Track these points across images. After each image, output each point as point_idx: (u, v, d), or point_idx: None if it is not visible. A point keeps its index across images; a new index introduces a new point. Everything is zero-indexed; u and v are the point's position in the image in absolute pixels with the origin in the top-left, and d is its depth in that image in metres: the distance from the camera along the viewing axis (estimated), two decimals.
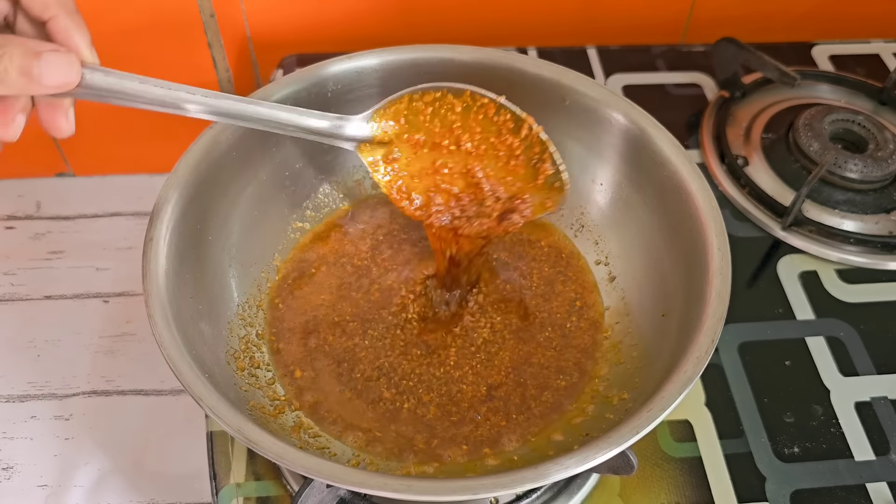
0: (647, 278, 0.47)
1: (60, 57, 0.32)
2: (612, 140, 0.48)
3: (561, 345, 0.48)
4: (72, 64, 0.33)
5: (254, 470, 0.47)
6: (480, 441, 0.43)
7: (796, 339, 0.53)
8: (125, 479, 0.59)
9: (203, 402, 0.35)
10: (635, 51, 0.74)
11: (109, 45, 0.70)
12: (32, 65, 0.31)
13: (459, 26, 0.75)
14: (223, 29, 0.71)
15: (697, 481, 0.46)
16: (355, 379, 0.46)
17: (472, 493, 0.32)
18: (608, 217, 0.51)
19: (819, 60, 0.74)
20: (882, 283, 0.57)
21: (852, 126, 0.63)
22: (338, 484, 0.33)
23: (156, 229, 0.40)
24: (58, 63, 0.32)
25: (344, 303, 0.49)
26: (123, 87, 0.36)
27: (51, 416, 0.63)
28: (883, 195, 0.60)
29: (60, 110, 0.34)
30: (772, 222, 0.59)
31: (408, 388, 0.45)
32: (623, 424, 0.34)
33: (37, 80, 0.31)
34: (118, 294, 0.71)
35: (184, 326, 0.38)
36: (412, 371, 0.46)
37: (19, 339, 0.68)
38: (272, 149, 0.49)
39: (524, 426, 0.44)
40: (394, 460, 0.42)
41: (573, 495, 0.45)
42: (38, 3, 0.33)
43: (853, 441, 0.48)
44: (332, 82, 0.49)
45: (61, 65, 0.32)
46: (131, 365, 0.66)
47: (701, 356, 0.37)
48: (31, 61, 0.31)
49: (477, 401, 0.45)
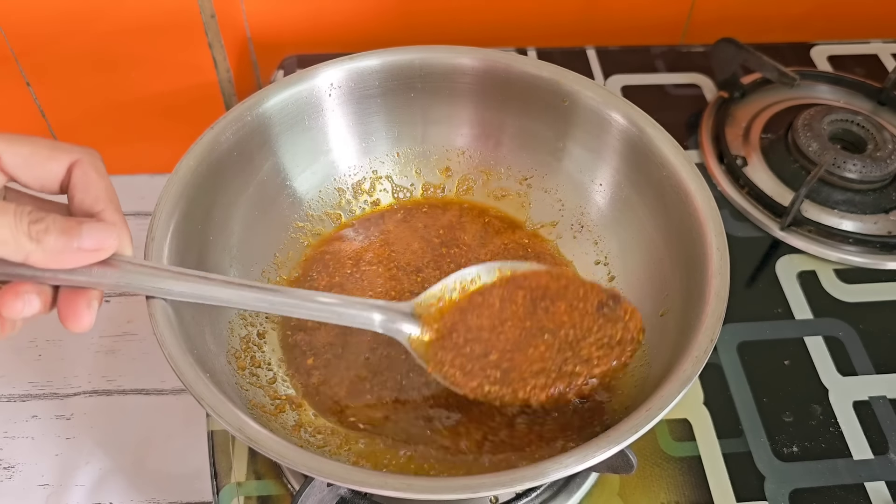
0: (646, 278, 0.47)
1: (102, 225, 0.33)
2: (611, 141, 0.49)
3: None
4: (112, 231, 0.33)
5: (254, 469, 0.47)
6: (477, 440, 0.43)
7: (795, 339, 0.53)
8: (126, 479, 0.59)
9: (204, 402, 0.35)
10: (634, 51, 0.74)
11: (110, 45, 0.70)
12: (74, 227, 0.32)
13: (459, 27, 0.75)
14: (224, 29, 0.71)
15: (696, 480, 0.47)
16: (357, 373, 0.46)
17: (472, 491, 0.32)
18: (607, 217, 0.51)
19: (818, 61, 0.74)
20: (881, 282, 0.57)
21: (851, 126, 0.64)
22: (338, 483, 0.33)
23: (157, 229, 0.41)
24: (98, 228, 0.33)
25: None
26: (156, 282, 0.36)
27: (52, 416, 0.63)
28: (882, 195, 0.61)
29: (83, 301, 0.34)
30: (771, 222, 0.60)
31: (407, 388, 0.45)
32: (622, 423, 0.34)
33: (76, 241, 0.32)
34: (119, 294, 0.71)
35: (185, 326, 0.39)
36: (410, 371, 0.46)
37: (20, 338, 0.68)
38: (273, 149, 0.49)
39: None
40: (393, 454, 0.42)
41: (572, 494, 0.45)
42: (92, 198, 0.34)
43: (852, 440, 0.48)
44: (332, 83, 0.50)
45: (101, 230, 0.33)
46: (132, 364, 0.66)
47: (700, 355, 0.37)
48: (73, 225, 0.32)
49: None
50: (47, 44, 0.68)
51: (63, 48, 0.69)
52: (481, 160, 0.54)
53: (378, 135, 0.53)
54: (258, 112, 0.47)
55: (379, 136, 0.54)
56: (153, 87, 0.73)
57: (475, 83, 0.52)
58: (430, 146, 0.55)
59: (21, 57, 0.69)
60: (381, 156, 0.54)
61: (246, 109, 0.47)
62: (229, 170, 0.46)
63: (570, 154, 0.51)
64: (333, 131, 0.52)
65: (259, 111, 0.47)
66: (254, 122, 0.47)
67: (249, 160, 0.48)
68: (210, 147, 0.45)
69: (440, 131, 0.54)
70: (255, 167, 0.49)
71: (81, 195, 0.34)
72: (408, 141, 0.54)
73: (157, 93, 0.73)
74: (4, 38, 0.67)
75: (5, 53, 0.68)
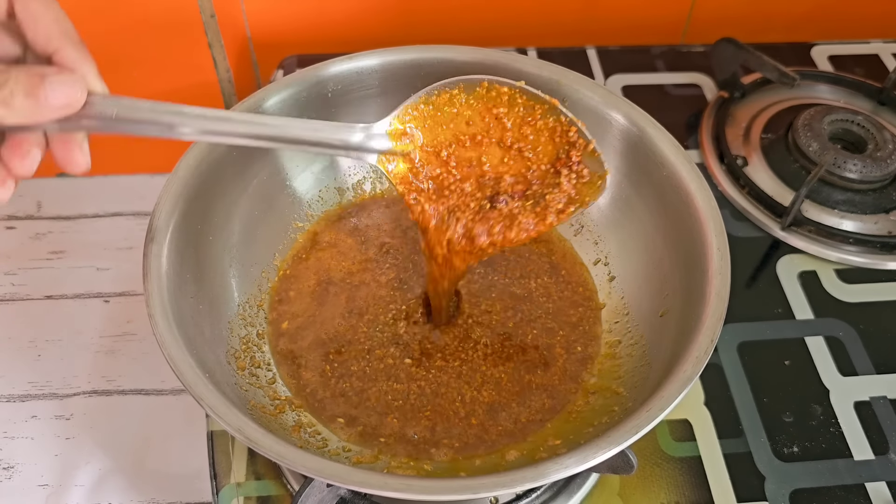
0: (646, 278, 0.47)
1: (65, 77, 0.32)
2: (611, 140, 0.48)
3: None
4: (76, 83, 0.32)
5: (254, 469, 0.47)
6: (478, 438, 0.43)
7: (795, 339, 0.53)
8: (126, 479, 0.59)
9: (204, 402, 0.35)
10: (635, 51, 0.74)
11: (110, 45, 0.70)
12: (37, 86, 0.31)
13: (459, 26, 0.75)
14: (223, 29, 0.71)
15: (697, 481, 0.46)
16: (352, 372, 0.46)
17: (472, 492, 0.32)
18: (608, 217, 0.51)
19: (818, 61, 0.74)
20: (881, 282, 0.57)
21: (851, 126, 0.64)
22: (338, 483, 0.33)
23: (157, 229, 0.41)
24: (63, 82, 0.32)
25: (344, 303, 0.49)
26: (135, 113, 0.34)
27: (51, 416, 0.63)
28: (882, 195, 0.61)
29: (74, 144, 0.34)
30: (771, 222, 0.60)
31: (406, 386, 0.45)
32: (622, 424, 0.34)
33: (43, 101, 0.31)
34: (119, 294, 0.71)
35: (184, 326, 0.38)
36: (407, 369, 0.46)
37: (20, 338, 0.68)
38: (273, 149, 0.49)
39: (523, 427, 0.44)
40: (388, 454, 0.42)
41: (573, 495, 0.45)
42: (42, 35, 0.33)
43: (852, 440, 0.48)
44: (332, 83, 0.50)
45: (66, 83, 0.32)
46: (132, 365, 0.66)
47: (700, 356, 0.37)
48: (36, 83, 0.31)
49: (477, 399, 0.45)
50: None
51: None
52: None
53: None
54: (258, 112, 0.47)
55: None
56: (153, 87, 0.73)
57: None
58: None
59: None
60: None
61: (246, 109, 0.47)
62: (229, 170, 0.46)
63: None
64: None
65: (259, 111, 0.47)
66: None
67: (249, 160, 0.48)
68: (210, 147, 0.45)
69: None
70: (255, 167, 0.49)
71: (31, 34, 0.33)
72: None
73: (157, 92, 0.73)
74: None
75: None
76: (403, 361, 0.46)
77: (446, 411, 0.44)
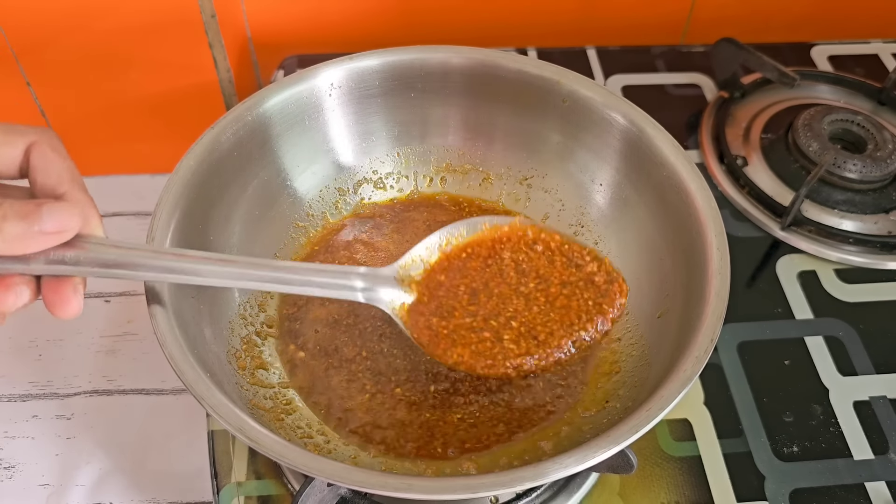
0: (646, 278, 0.47)
1: (62, 205, 0.32)
2: (611, 140, 0.49)
3: None
4: (72, 211, 0.32)
5: (255, 469, 0.47)
6: (478, 439, 0.43)
7: (795, 339, 0.53)
8: (126, 479, 0.59)
9: (204, 402, 0.35)
10: (635, 51, 0.74)
11: (110, 45, 0.70)
12: (32, 212, 0.31)
13: (459, 26, 0.75)
14: (224, 29, 0.71)
15: (697, 480, 0.47)
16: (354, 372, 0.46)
17: (472, 491, 0.32)
18: (608, 217, 0.51)
19: (818, 61, 0.74)
20: (881, 282, 0.57)
21: (851, 126, 0.64)
22: (339, 483, 0.33)
23: (157, 229, 0.41)
24: (59, 209, 0.31)
25: (347, 303, 0.49)
26: (132, 258, 0.34)
27: (52, 416, 0.63)
28: (882, 195, 0.61)
29: (68, 284, 0.33)
30: (771, 222, 0.60)
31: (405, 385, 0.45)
32: (622, 423, 0.34)
33: (36, 226, 0.30)
34: (119, 293, 0.71)
35: (185, 326, 0.39)
36: (406, 367, 0.46)
37: (21, 338, 0.68)
38: (273, 149, 0.49)
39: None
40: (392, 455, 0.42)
41: (573, 494, 0.45)
42: (54, 178, 0.33)
43: (852, 440, 0.48)
44: (332, 83, 0.50)
45: (62, 210, 0.31)
46: (133, 364, 0.66)
47: (700, 355, 0.37)
48: (31, 209, 0.31)
49: (477, 400, 0.45)
50: (47, 43, 0.68)
51: (63, 48, 0.69)
52: (481, 160, 0.54)
53: (378, 135, 0.53)
54: (258, 112, 0.47)
55: (379, 136, 0.54)
56: (153, 87, 0.73)
57: (476, 83, 0.52)
58: (430, 146, 0.55)
59: (21, 57, 0.69)
60: (381, 156, 0.54)
61: (246, 109, 0.47)
62: (229, 170, 0.46)
63: (571, 154, 0.51)
64: (333, 131, 0.52)
65: (259, 111, 0.47)
66: (254, 122, 0.47)
67: (249, 160, 0.48)
68: (210, 147, 0.45)
69: (440, 131, 0.54)
70: (256, 167, 0.49)
71: (42, 178, 0.33)
72: (408, 141, 0.54)
73: (158, 93, 0.73)
74: (4, 38, 0.67)
75: (5, 53, 0.68)
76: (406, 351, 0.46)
77: (449, 410, 0.44)
